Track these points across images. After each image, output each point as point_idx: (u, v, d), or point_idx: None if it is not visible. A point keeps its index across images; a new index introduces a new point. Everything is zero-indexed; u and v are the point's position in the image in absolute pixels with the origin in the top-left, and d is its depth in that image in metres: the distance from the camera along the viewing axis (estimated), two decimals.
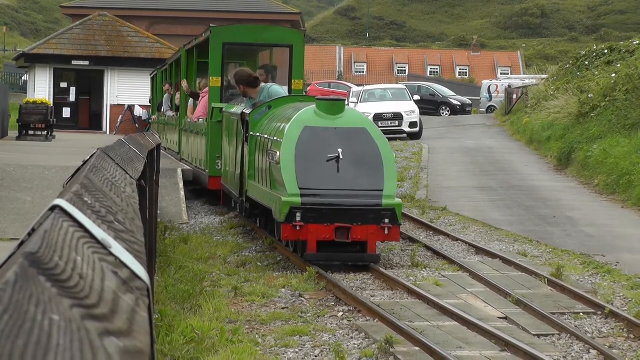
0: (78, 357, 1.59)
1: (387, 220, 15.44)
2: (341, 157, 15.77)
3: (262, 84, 19.74)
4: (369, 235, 15.54)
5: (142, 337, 2.00)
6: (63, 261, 2.22)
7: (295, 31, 25.68)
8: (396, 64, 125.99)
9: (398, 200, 16.13)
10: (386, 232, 15.49)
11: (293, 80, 22.59)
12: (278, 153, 15.78)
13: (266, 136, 17.21)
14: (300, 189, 15.61)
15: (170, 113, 32.03)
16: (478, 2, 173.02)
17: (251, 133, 18.33)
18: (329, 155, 15.82)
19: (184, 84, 25.98)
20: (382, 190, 15.80)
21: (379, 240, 16.09)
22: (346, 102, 18.33)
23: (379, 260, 15.86)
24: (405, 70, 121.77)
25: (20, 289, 1.76)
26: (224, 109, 21.66)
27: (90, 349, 1.69)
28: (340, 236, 15.41)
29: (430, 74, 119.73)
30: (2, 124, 44.81)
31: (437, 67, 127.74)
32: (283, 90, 20.36)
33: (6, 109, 47.61)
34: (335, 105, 16.81)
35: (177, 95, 29.22)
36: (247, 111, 18.91)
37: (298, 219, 15.28)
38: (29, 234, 2.59)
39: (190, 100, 26.96)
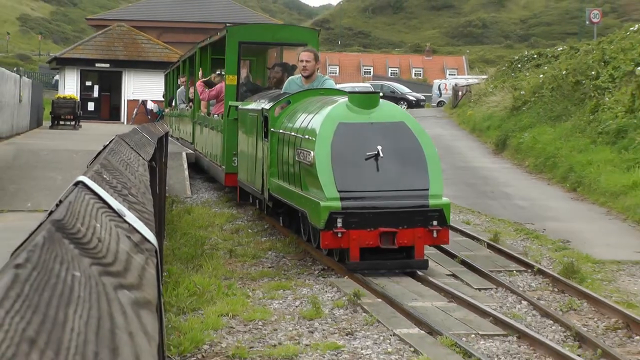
0: (95, 307, 1.58)
1: (435, 222, 12.07)
2: (381, 154, 12.24)
3: (318, 74, 16.07)
4: (415, 239, 12.09)
5: (150, 290, 1.99)
6: (84, 227, 2.20)
7: (309, 30, 21.02)
8: (363, 66, 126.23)
9: (446, 200, 12.48)
10: (434, 235, 12.12)
11: None
12: (312, 153, 12.36)
13: (292, 133, 13.67)
14: (339, 191, 12.10)
15: (184, 105, 29.25)
16: (430, 15, 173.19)
17: (272, 129, 14.76)
18: (368, 153, 12.29)
19: (200, 88, 22.46)
20: (427, 190, 12.29)
21: (427, 244, 12.57)
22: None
23: (427, 266, 12.35)
24: (370, 72, 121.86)
25: (47, 250, 1.75)
26: (239, 106, 18.03)
27: (106, 300, 1.68)
28: (385, 242, 11.99)
29: (391, 75, 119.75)
30: (37, 115, 44.87)
31: (397, 69, 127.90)
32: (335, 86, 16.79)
33: (41, 103, 47.71)
34: (369, 98, 13.15)
35: (191, 90, 26.16)
36: (267, 106, 15.20)
37: (339, 225, 11.88)
38: (57, 205, 2.57)
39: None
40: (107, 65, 51.96)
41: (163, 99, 41.71)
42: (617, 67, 27.29)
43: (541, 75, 36.10)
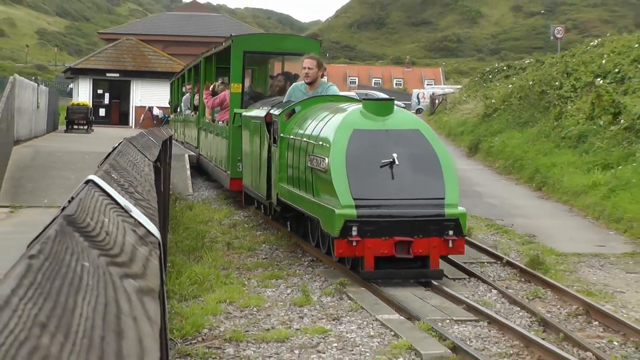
0: (103, 294, 1.57)
1: (451, 232, 10.90)
2: (397, 162, 11.05)
3: (322, 80, 14.74)
4: (431, 248, 10.90)
5: (153, 279, 1.98)
6: (93, 221, 2.19)
7: (312, 40, 20.08)
8: (349, 76, 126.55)
9: (462, 209, 11.15)
10: (450, 245, 10.94)
11: None
12: (326, 159, 11.16)
13: (304, 139, 12.37)
14: (354, 199, 10.87)
15: (189, 111, 28.06)
16: (410, 31, 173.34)
17: (281, 135, 13.49)
18: (383, 161, 11.10)
19: (206, 96, 21.65)
20: (443, 199, 11.06)
21: (442, 254, 11.33)
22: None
23: (442, 276, 11.24)
24: (355, 82, 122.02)
25: (58, 242, 1.74)
26: (242, 113, 16.89)
27: (113, 288, 1.67)
28: (400, 251, 10.82)
29: (374, 84, 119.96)
30: (53, 120, 44.88)
31: (379, 79, 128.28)
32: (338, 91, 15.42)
33: (57, 109, 47.76)
34: (384, 105, 11.92)
35: (196, 97, 25.21)
36: (277, 112, 13.91)
37: (354, 233, 10.68)
38: (69, 201, 2.56)
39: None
40: (117, 75, 51.94)
41: (169, 106, 41.60)
42: (579, 79, 27.35)
43: (510, 86, 36.17)
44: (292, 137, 13.05)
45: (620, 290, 11.39)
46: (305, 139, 12.29)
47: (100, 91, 53.38)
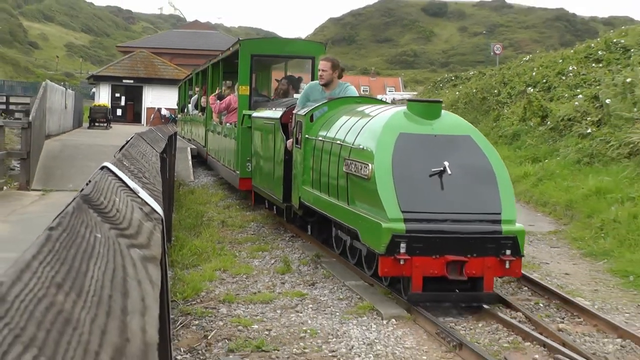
0: (112, 261, 1.56)
1: (507, 252, 8.24)
2: (449, 171, 8.36)
3: (340, 81, 12.29)
4: (485, 269, 8.21)
5: (156, 249, 1.96)
6: (106, 200, 2.17)
7: (316, 43, 17.11)
8: None
9: (520, 226, 8.47)
10: (507, 265, 8.24)
11: None
12: (369, 165, 8.49)
13: (337, 142, 9.72)
14: (402, 211, 8.17)
15: (196, 111, 25.93)
16: (375, 47, 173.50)
17: (306, 136, 10.94)
18: (433, 169, 8.40)
19: (212, 101, 19.55)
20: (499, 214, 8.40)
21: (497, 276, 8.70)
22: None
23: (497, 300, 8.61)
24: None
25: (75, 216, 1.72)
26: (253, 114, 14.60)
27: (121, 255, 1.66)
28: (452, 272, 8.12)
29: None
30: (78, 118, 44.78)
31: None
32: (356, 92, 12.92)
33: (81, 110, 47.73)
34: (432, 107, 9.16)
35: (203, 99, 22.92)
36: (302, 112, 11.34)
37: (402, 250, 8.01)
38: (87, 184, 2.54)
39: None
40: (132, 81, 51.90)
41: (176, 107, 41.36)
42: (513, 87, 27.43)
43: (457, 93, 36.22)
44: (319, 139, 10.51)
45: (545, 261, 11.45)
46: (338, 142, 9.69)
47: (117, 95, 53.31)
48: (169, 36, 71.64)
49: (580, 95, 20.52)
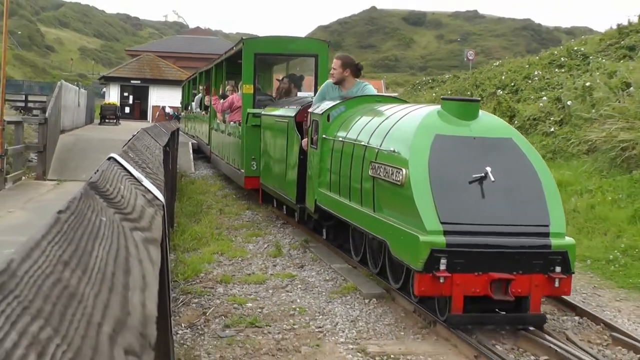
0: (115, 242, 1.55)
1: (557, 269, 6.62)
2: (492, 178, 6.75)
3: (357, 80, 10.79)
4: (532, 288, 6.59)
5: (157, 232, 1.96)
6: (112, 187, 2.16)
7: (320, 42, 15.23)
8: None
9: (570, 240, 6.78)
10: (556, 284, 6.60)
11: (319, 88, 11.89)
12: (403, 170, 6.88)
13: (361, 143, 8.18)
14: (442, 223, 6.55)
15: (199, 110, 24.57)
16: (359, 52, 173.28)
17: (324, 136, 9.48)
18: (474, 176, 6.79)
19: (215, 101, 18.22)
20: (548, 226, 6.74)
21: (545, 294, 6.88)
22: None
23: (545, 321, 6.77)
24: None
25: (83, 201, 1.71)
26: (262, 112, 13.24)
27: (124, 237, 1.65)
28: (497, 291, 6.50)
29: None
30: (90, 115, 44.78)
31: None
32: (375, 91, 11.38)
33: (93, 107, 47.72)
34: (469, 106, 7.42)
35: (207, 98, 21.36)
36: (318, 111, 9.86)
37: (442, 267, 6.42)
38: (95, 172, 2.52)
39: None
40: (139, 82, 51.86)
41: (179, 105, 41.23)
42: (485, 90, 27.45)
43: (434, 94, 36.22)
44: (338, 139, 9.04)
45: None
46: (362, 143, 8.19)
47: (125, 94, 53.29)
48: (173, 41, 71.53)
49: (545, 97, 20.56)
